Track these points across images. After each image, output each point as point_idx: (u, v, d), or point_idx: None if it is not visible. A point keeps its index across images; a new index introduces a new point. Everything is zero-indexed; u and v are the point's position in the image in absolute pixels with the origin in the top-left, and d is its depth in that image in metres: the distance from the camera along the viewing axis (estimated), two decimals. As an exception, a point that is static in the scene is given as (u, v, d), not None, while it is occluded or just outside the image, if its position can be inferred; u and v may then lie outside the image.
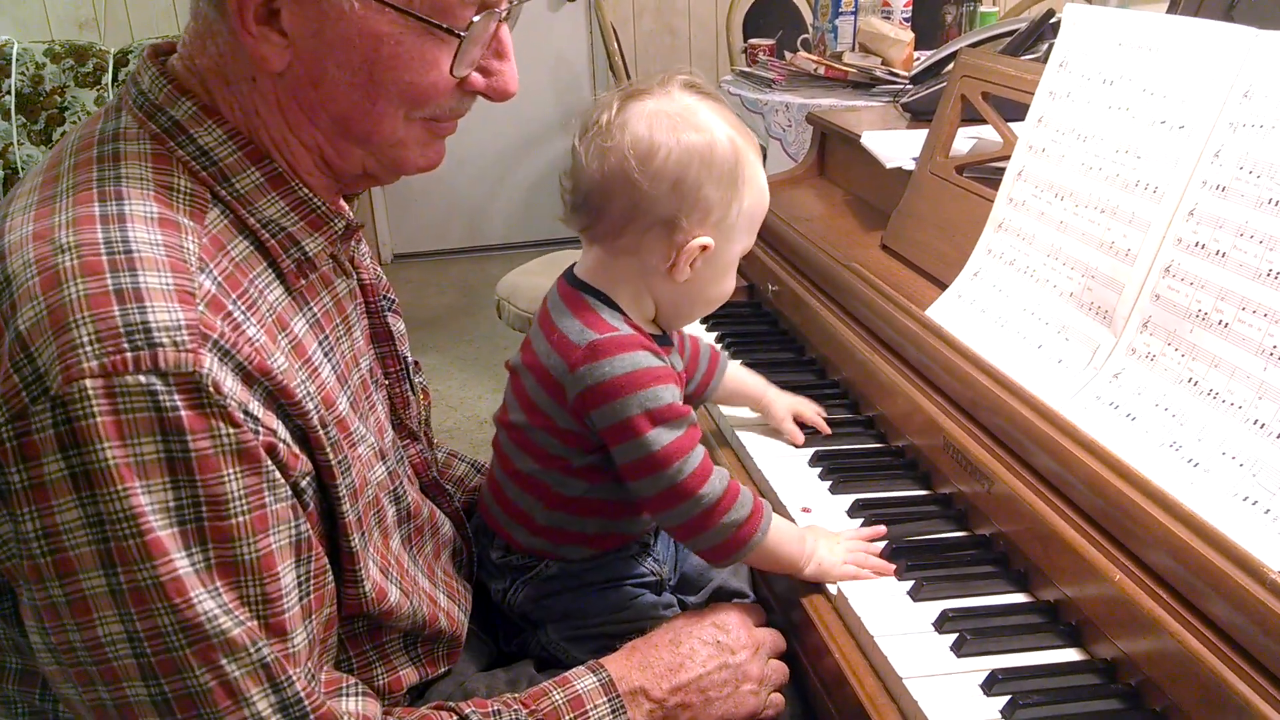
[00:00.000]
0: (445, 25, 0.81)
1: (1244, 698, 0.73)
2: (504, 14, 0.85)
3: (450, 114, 0.89)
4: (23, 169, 3.32)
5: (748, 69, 3.11)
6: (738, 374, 1.31)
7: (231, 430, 0.73)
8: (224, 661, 0.73)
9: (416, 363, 1.15)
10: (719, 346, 1.55)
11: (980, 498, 1.05)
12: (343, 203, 0.97)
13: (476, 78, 0.88)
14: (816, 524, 1.09)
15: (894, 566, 1.01)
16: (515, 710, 0.91)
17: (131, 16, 4.19)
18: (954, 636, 0.91)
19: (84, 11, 4.15)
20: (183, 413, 0.71)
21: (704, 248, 1.01)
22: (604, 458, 1.02)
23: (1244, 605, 0.75)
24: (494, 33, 0.86)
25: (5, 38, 3.37)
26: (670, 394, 0.99)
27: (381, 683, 0.95)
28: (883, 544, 1.05)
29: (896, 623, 0.94)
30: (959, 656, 0.90)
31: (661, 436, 0.97)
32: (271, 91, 0.84)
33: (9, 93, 3.32)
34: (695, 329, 1.59)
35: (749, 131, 1.04)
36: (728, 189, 1.00)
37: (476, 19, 0.82)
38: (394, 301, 1.09)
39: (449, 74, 0.84)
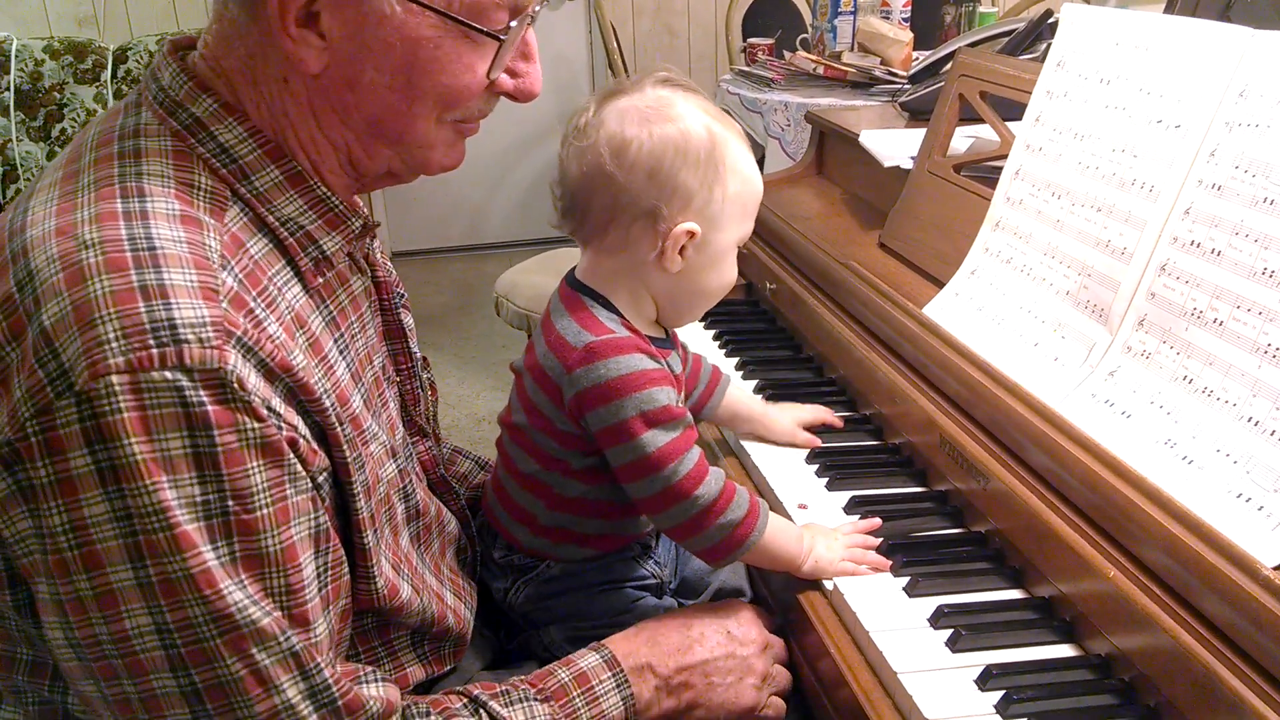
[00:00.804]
0: (485, 29, 0.82)
1: (1237, 693, 0.73)
2: (532, 16, 0.86)
3: (477, 115, 0.90)
4: (21, 165, 3.32)
5: (746, 68, 3.12)
6: (738, 395, 1.30)
7: (256, 425, 0.73)
8: (255, 651, 0.74)
9: (425, 359, 1.16)
10: (718, 345, 1.55)
11: (976, 494, 1.05)
12: (357, 199, 0.97)
13: (505, 79, 0.89)
14: (813, 521, 1.09)
15: (890, 562, 1.02)
16: (523, 690, 0.92)
17: (130, 13, 4.19)
18: (949, 632, 0.92)
19: (83, 8, 4.15)
20: (209, 408, 0.71)
21: (690, 234, 1.01)
22: (604, 460, 1.02)
23: (1237, 601, 0.76)
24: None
25: (4, 34, 3.38)
26: (665, 396, 0.99)
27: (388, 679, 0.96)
28: (879, 540, 1.05)
29: (892, 618, 0.95)
30: (954, 652, 0.90)
31: (656, 438, 0.97)
32: (304, 92, 0.84)
33: (8, 89, 3.32)
34: (695, 330, 1.59)
35: (730, 121, 1.05)
36: (707, 174, 1.00)
37: (513, 23, 0.83)
38: (404, 297, 1.09)
39: (483, 77, 0.85)
